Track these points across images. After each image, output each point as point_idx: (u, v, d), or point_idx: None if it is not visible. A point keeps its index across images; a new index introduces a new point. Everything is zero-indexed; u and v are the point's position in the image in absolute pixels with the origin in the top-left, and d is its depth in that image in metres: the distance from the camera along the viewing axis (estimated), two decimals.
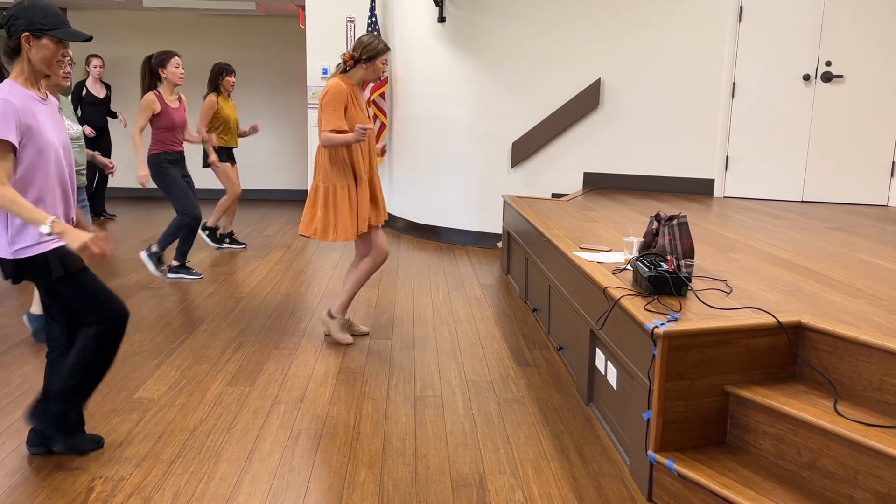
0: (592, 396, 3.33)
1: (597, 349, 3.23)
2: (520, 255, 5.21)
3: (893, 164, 6.00)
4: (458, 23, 6.77)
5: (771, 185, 6.23)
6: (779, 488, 2.30)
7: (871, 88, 5.93)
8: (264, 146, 9.92)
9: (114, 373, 3.62)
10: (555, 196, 6.55)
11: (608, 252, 3.69)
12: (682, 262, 3.04)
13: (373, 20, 7.53)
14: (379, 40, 3.87)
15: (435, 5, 6.85)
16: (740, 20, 6.08)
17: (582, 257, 3.54)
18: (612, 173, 6.49)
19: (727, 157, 6.28)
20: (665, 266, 2.91)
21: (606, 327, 2.99)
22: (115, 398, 3.32)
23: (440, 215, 7.13)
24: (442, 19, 6.82)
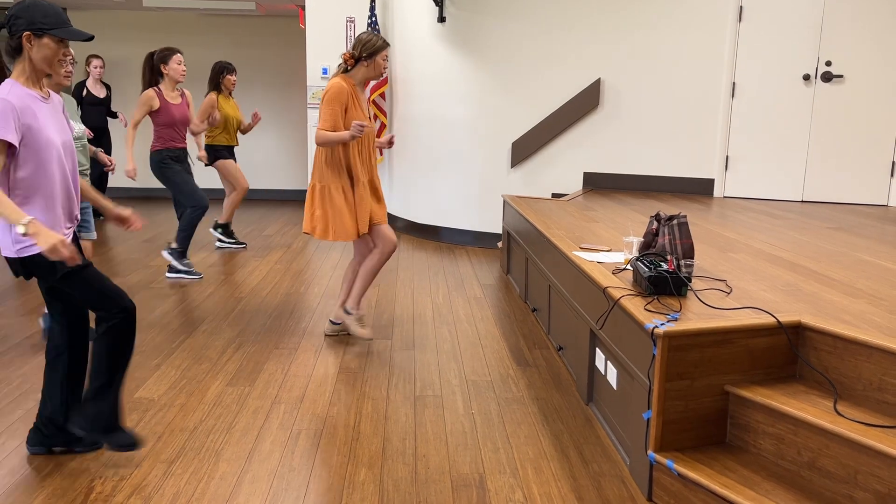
0: (592, 396, 3.33)
1: (597, 349, 3.23)
2: (520, 255, 5.21)
3: (893, 164, 6.01)
4: (458, 23, 6.77)
5: (771, 184, 6.23)
6: (779, 488, 2.30)
7: (871, 88, 5.93)
8: (264, 146, 9.92)
9: None
10: (555, 196, 6.55)
11: (608, 252, 3.69)
12: (682, 262, 3.04)
13: (373, 20, 7.53)
14: (378, 37, 3.87)
15: (435, 5, 6.85)
16: (740, 20, 6.08)
17: (582, 257, 3.54)
18: (612, 173, 6.49)
19: (727, 157, 6.28)
20: (665, 266, 2.91)
21: (606, 327, 2.99)
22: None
23: (440, 215, 7.13)
24: (442, 19, 6.82)
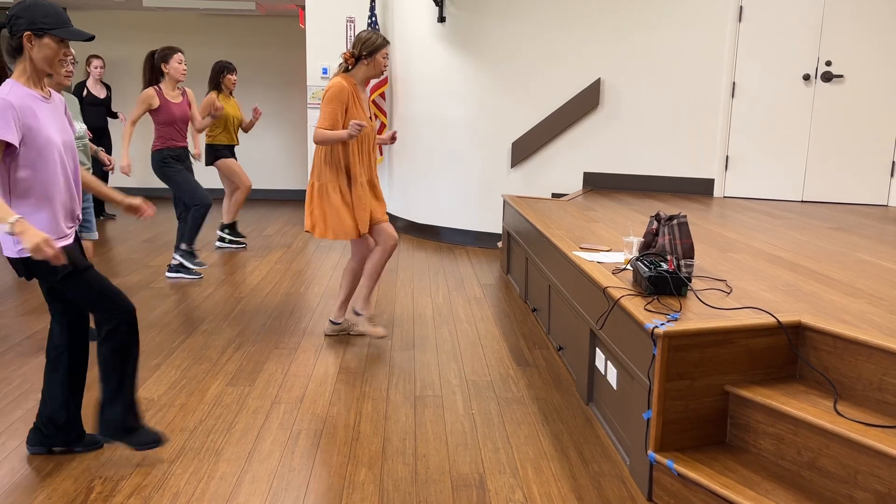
0: (592, 396, 3.33)
1: (597, 349, 3.23)
2: (520, 255, 5.21)
3: (893, 164, 6.00)
4: (458, 23, 6.77)
5: (771, 184, 6.23)
6: (779, 488, 2.30)
7: (871, 88, 5.93)
8: (264, 146, 9.92)
9: None
10: (555, 196, 6.55)
11: (608, 252, 3.69)
12: (682, 262, 3.04)
13: (373, 20, 7.53)
14: (378, 35, 3.87)
15: (435, 5, 6.85)
16: (740, 20, 6.08)
17: (582, 257, 3.54)
18: (612, 173, 6.49)
19: (727, 156, 6.28)
20: (665, 266, 2.91)
21: (606, 327, 2.99)
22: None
23: (440, 215, 7.13)
24: (442, 19, 6.82)
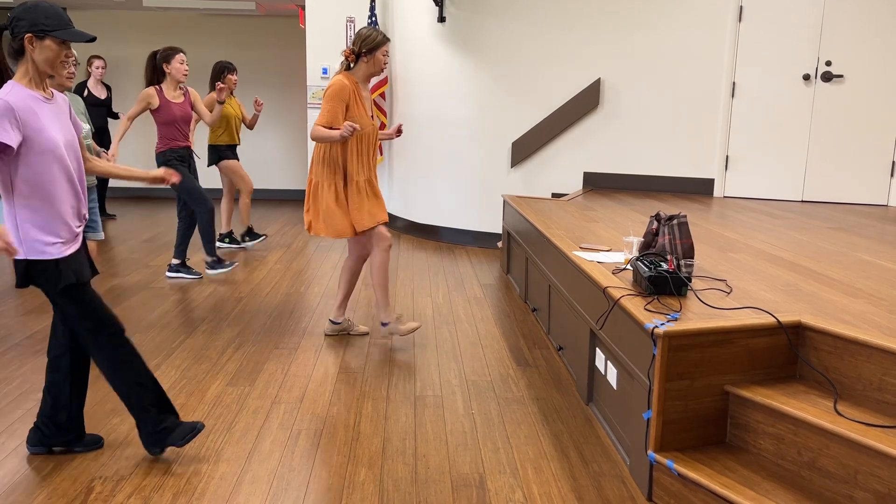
0: (592, 396, 3.33)
1: (597, 349, 3.23)
2: (520, 255, 5.21)
3: (893, 164, 6.00)
4: (458, 23, 6.77)
5: (771, 184, 6.23)
6: (779, 488, 2.30)
7: (871, 88, 5.93)
8: (264, 146, 9.92)
9: None
10: (555, 196, 6.55)
11: (608, 252, 3.69)
12: (682, 261, 3.04)
13: (373, 20, 7.53)
14: (378, 32, 3.86)
15: (435, 5, 6.85)
16: (740, 20, 6.08)
17: (582, 257, 3.54)
18: (612, 173, 6.49)
19: (727, 156, 6.28)
20: (665, 266, 2.91)
21: (606, 327, 2.99)
22: (114, 398, 3.32)
23: (440, 215, 7.13)
24: (442, 19, 6.82)
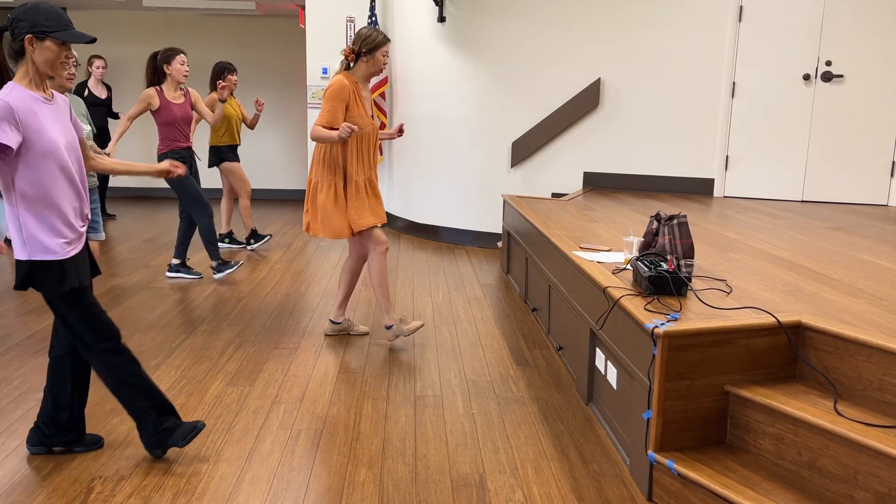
0: (592, 396, 3.33)
1: (597, 349, 3.23)
2: (520, 255, 5.21)
3: (893, 164, 6.00)
4: (458, 23, 6.77)
5: (771, 184, 6.23)
6: (779, 488, 2.30)
7: (871, 88, 5.93)
8: (264, 146, 9.92)
9: None
10: (555, 196, 6.55)
11: (608, 252, 3.69)
12: (682, 261, 3.04)
13: (373, 20, 7.53)
14: (378, 32, 3.86)
15: (435, 5, 6.85)
16: (740, 20, 6.08)
17: (582, 257, 3.54)
18: (612, 173, 6.49)
19: (727, 156, 6.28)
20: (665, 266, 2.91)
21: (606, 327, 2.99)
22: (114, 398, 3.31)
23: (440, 215, 7.13)
24: (442, 19, 6.82)
